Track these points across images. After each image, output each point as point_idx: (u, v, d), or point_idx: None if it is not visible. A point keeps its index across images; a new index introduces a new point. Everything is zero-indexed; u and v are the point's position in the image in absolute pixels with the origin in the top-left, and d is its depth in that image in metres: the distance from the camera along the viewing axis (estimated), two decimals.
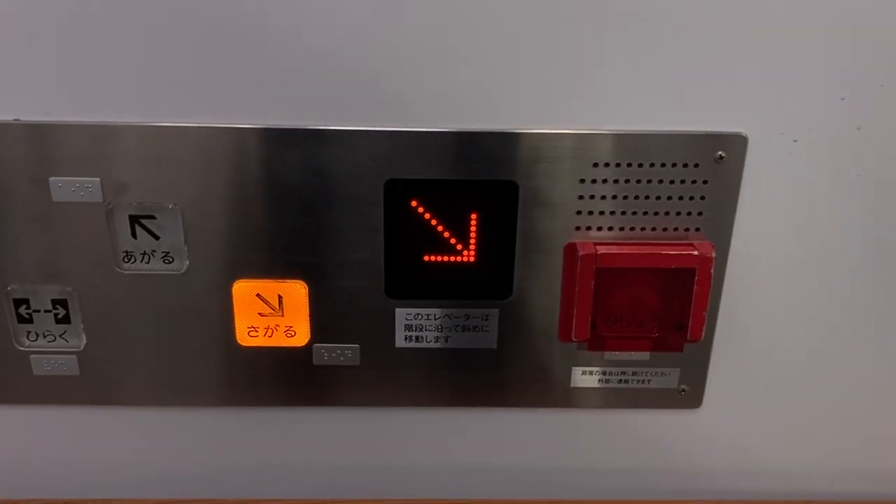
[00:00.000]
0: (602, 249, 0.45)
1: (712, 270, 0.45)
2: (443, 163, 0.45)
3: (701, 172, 0.45)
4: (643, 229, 0.46)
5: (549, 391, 0.51)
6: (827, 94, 0.44)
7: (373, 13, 0.42)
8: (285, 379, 0.51)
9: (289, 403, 0.52)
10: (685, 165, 0.45)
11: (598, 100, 0.44)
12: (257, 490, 0.54)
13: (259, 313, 0.48)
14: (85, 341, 0.49)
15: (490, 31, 0.42)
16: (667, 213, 0.46)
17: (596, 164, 0.45)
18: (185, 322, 0.49)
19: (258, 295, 0.48)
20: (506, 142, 0.44)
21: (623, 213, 0.46)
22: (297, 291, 0.48)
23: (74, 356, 0.50)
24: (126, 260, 0.47)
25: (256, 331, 0.49)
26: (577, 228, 0.46)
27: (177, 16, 0.42)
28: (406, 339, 0.50)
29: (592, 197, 0.46)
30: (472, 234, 0.47)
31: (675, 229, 0.46)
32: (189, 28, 0.42)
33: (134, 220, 0.46)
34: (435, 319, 0.49)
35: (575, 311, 0.46)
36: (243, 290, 0.48)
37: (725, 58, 0.43)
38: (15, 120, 0.44)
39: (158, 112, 0.44)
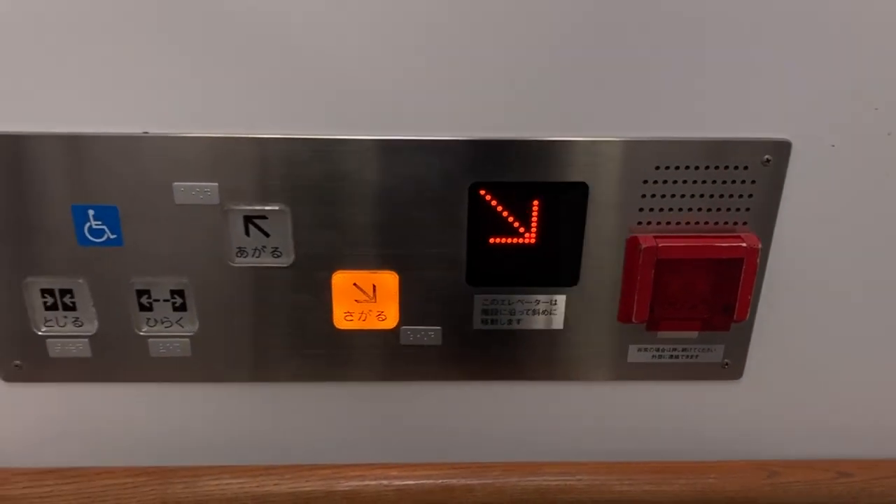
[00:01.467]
0: (662, 243, 0.51)
1: (758, 260, 0.51)
2: (521, 167, 0.50)
3: (749, 174, 0.51)
4: (697, 223, 0.52)
5: (608, 366, 0.58)
6: (862, 105, 0.49)
7: (451, 33, 0.47)
8: (376, 357, 0.57)
9: (379, 379, 0.58)
10: (735, 168, 0.51)
11: (660, 109, 0.49)
12: (351, 455, 0.61)
13: (355, 300, 0.54)
14: (198, 326, 0.55)
15: (560, 51, 0.48)
16: (718, 210, 0.52)
17: (657, 167, 0.50)
18: (289, 308, 0.54)
19: (355, 284, 0.54)
20: (578, 148, 0.50)
21: (679, 209, 0.52)
22: (389, 281, 0.54)
23: (188, 340, 0.55)
24: (239, 255, 0.53)
25: (352, 315, 0.55)
26: (639, 223, 0.52)
27: (283, 37, 0.47)
28: (483, 321, 0.56)
29: (654, 196, 0.51)
30: (546, 230, 0.52)
31: (725, 223, 0.52)
32: (294, 50, 0.47)
33: (247, 219, 0.52)
34: (509, 304, 0.55)
35: (636, 297, 0.52)
36: (342, 280, 0.54)
37: (773, 73, 0.48)
38: (144, 133, 0.49)
39: (270, 125, 0.49)
